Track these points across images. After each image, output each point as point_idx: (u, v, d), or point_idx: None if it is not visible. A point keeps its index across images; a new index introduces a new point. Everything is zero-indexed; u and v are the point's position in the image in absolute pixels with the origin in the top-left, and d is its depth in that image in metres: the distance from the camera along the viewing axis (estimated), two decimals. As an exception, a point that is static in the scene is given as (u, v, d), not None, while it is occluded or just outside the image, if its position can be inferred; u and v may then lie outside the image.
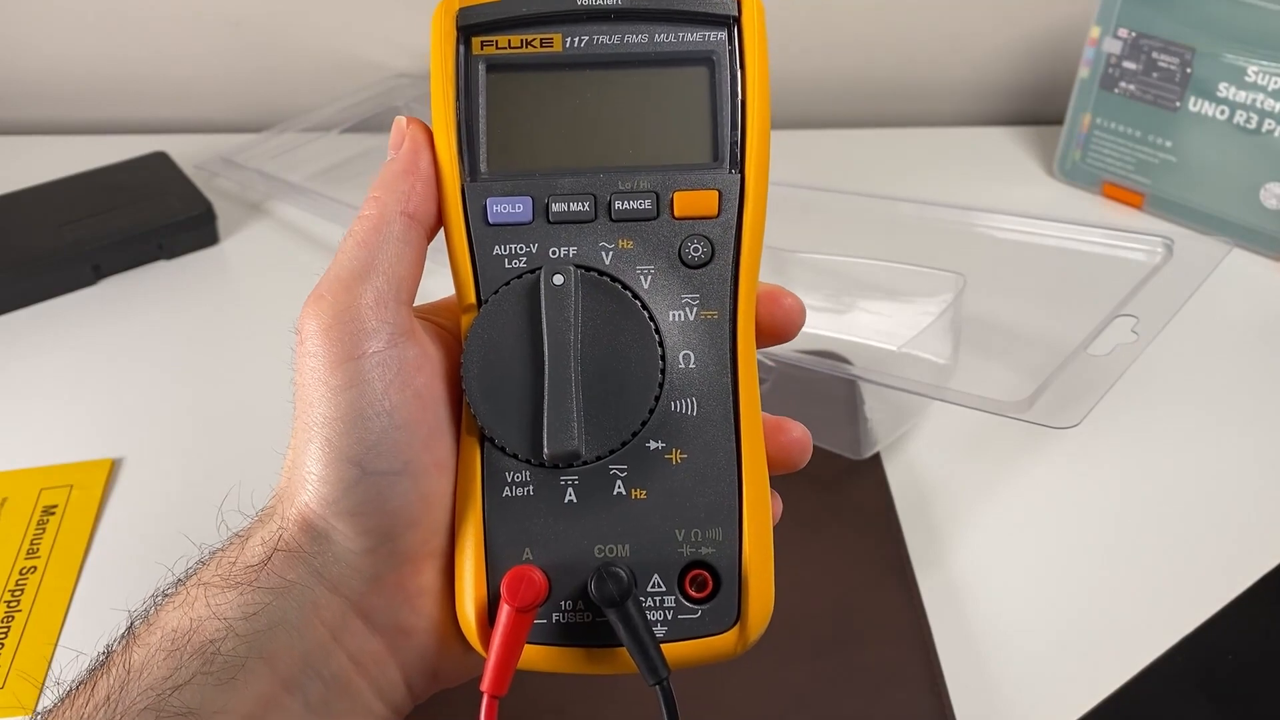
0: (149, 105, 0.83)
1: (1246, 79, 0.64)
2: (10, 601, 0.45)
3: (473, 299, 0.30)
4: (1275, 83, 0.63)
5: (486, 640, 0.28)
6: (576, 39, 0.30)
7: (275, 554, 0.28)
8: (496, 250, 0.29)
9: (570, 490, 0.29)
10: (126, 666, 0.27)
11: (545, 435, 0.28)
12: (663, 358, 0.29)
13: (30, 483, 0.51)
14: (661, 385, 0.29)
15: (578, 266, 0.29)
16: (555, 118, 0.30)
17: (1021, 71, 0.83)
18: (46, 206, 0.67)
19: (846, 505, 0.49)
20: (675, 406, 0.29)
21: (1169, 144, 0.69)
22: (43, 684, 0.42)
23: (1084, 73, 0.71)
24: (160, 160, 0.72)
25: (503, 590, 0.27)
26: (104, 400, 0.56)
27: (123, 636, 0.28)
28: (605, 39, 0.30)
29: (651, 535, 0.29)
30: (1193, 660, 0.41)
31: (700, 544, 0.29)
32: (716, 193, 0.30)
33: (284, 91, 0.83)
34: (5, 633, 0.44)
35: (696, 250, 0.30)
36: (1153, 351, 0.45)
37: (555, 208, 0.29)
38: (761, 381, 0.49)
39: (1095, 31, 0.69)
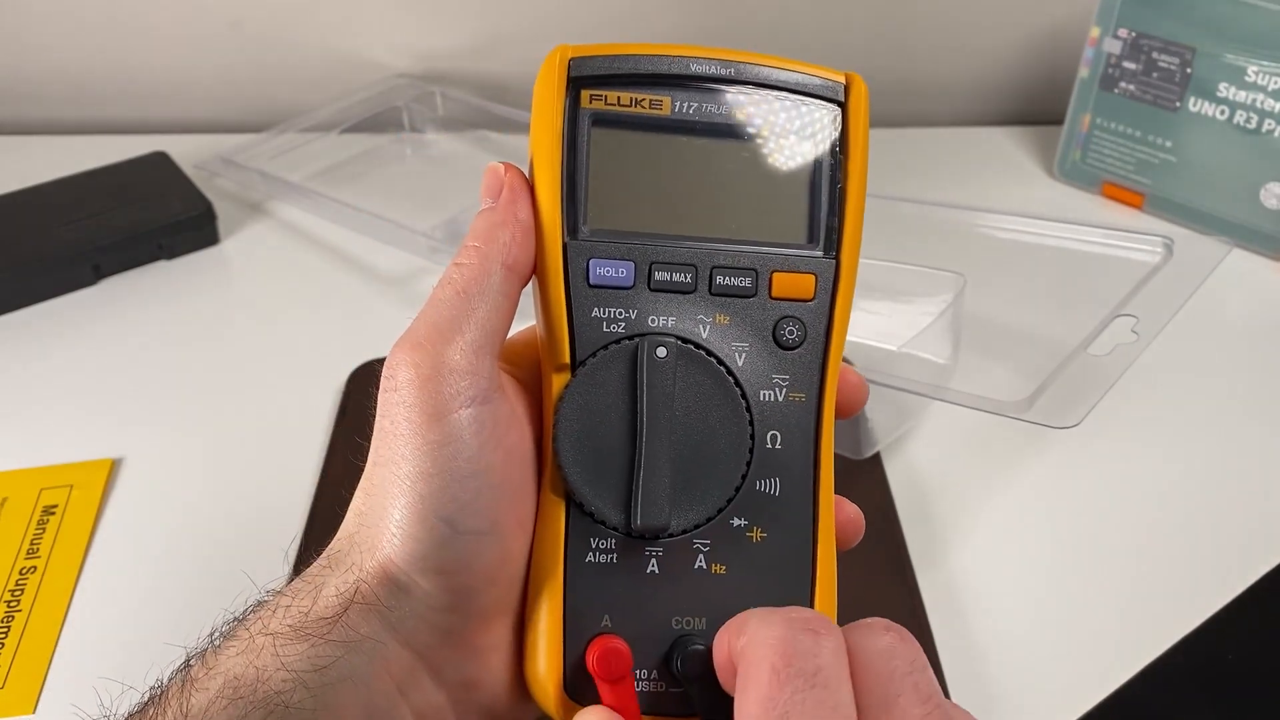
0: (149, 105, 0.83)
1: (1246, 79, 0.64)
2: (10, 601, 0.45)
3: (566, 359, 0.29)
4: (1275, 83, 0.63)
5: (558, 700, 0.28)
6: (686, 105, 0.30)
7: (352, 606, 0.27)
8: (595, 312, 0.29)
9: (654, 561, 0.29)
10: (184, 710, 0.26)
11: (638, 507, 0.28)
12: (752, 436, 0.29)
13: (30, 483, 0.51)
14: (749, 464, 0.29)
15: (679, 339, 0.29)
16: (660, 181, 0.30)
17: (1021, 71, 0.83)
18: (46, 206, 0.67)
19: (846, 505, 0.49)
20: (760, 485, 0.29)
21: (1169, 144, 0.69)
22: (42, 684, 0.42)
23: (1084, 73, 0.71)
24: (160, 160, 0.72)
25: (593, 660, 0.27)
26: (104, 400, 0.56)
27: (179, 673, 0.27)
28: (714, 108, 0.30)
29: (729, 611, 0.28)
30: (1193, 660, 0.41)
31: None
32: (813, 276, 0.30)
33: (284, 91, 0.83)
34: (5, 633, 0.44)
35: (791, 332, 0.30)
36: (1153, 351, 0.45)
37: (658, 275, 0.29)
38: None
39: (1095, 31, 0.69)
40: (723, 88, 0.30)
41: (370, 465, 0.28)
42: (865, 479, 0.50)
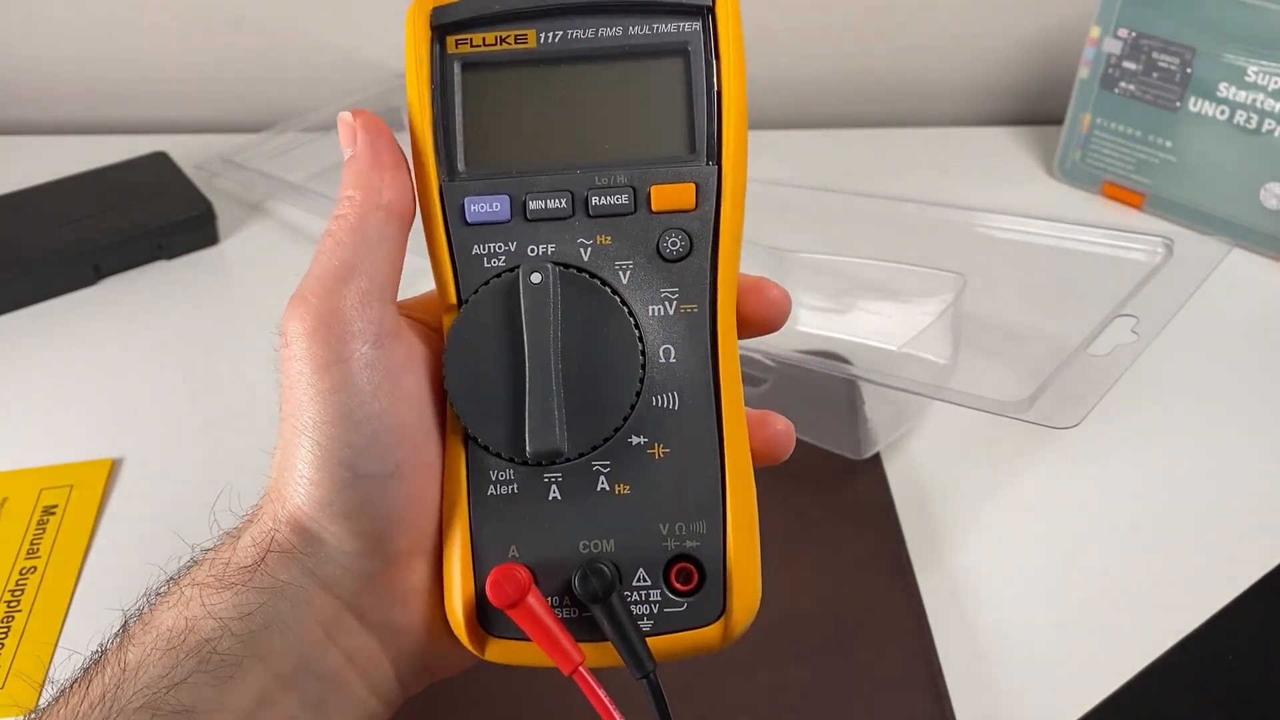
0: (149, 105, 0.83)
1: (1246, 79, 0.64)
2: (10, 601, 0.45)
3: (453, 299, 0.30)
4: (1275, 83, 0.63)
5: (475, 637, 0.29)
6: (551, 34, 0.30)
7: (269, 555, 0.28)
8: (475, 249, 0.29)
9: (554, 487, 0.29)
10: (122, 665, 0.27)
11: (527, 433, 0.28)
12: (643, 353, 0.29)
13: (30, 483, 0.51)
14: (642, 380, 0.29)
15: (556, 264, 0.29)
16: (531, 115, 0.30)
17: (1021, 71, 0.83)
18: (46, 206, 0.67)
19: (846, 505, 0.49)
20: (656, 401, 0.29)
21: (1169, 144, 0.69)
22: (42, 684, 0.42)
23: (1084, 73, 0.71)
24: (160, 160, 0.72)
25: (487, 589, 0.28)
26: (104, 400, 0.56)
27: (117, 635, 0.28)
28: (580, 33, 0.30)
29: (635, 530, 0.29)
30: (1193, 660, 0.41)
31: (685, 537, 0.29)
32: (694, 185, 0.29)
33: (284, 91, 0.83)
34: (5, 633, 0.44)
35: (674, 244, 0.29)
36: (1153, 351, 0.45)
37: (533, 205, 0.29)
38: (761, 382, 0.50)
39: (1095, 31, 0.69)
40: (588, 12, 0.30)
41: (280, 421, 0.29)
42: (865, 479, 0.50)
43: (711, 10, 0.30)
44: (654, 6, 0.30)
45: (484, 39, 0.30)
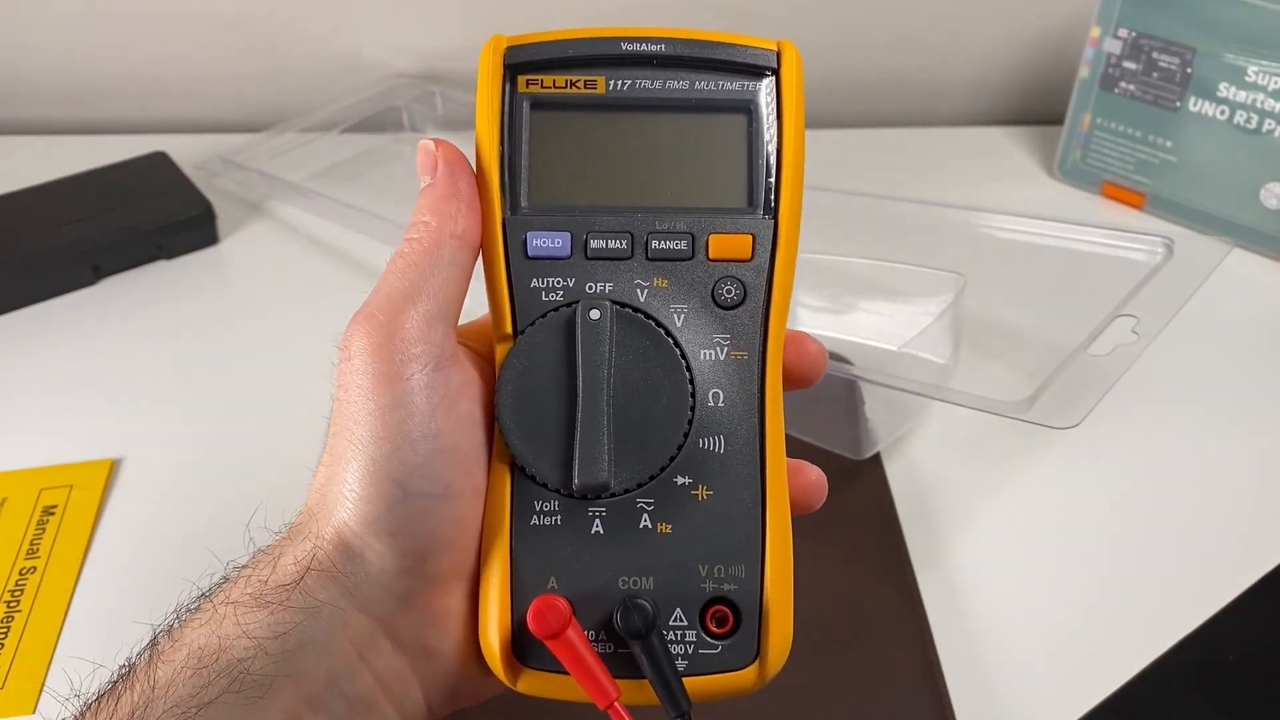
0: (149, 105, 0.83)
1: (1246, 79, 0.64)
2: (10, 601, 0.45)
3: (509, 329, 0.30)
4: (1275, 83, 0.63)
5: (509, 666, 0.29)
6: (620, 82, 0.31)
7: (308, 574, 0.28)
8: (534, 283, 0.30)
9: (598, 522, 0.29)
10: (151, 682, 0.26)
11: (576, 466, 0.28)
12: (693, 395, 0.29)
13: (30, 483, 0.51)
14: (690, 422, 0.29)
15: (613, 303, 0.29)
16: (596, 156, 0.31)
17: (1021, 71, 0.83)
18: (46, 206, 0.67)
19: (846, 505, 0.49)
20: (703, 443, 0.30)
21: (1169, 144, 0.69)
22: (42, 684, 0.42)
23: (1084, 73, 0.71)
24: (160, 160, 0.72)
25: (529, 618, 0.27)
26: (104, 400, 0.56)
27: (146, 650, 0.28)
28: (648, 84, 0.31)
29: (675, 569, 0.29)
30: (1193, 660, 0.41)
31: (723, 580, 0.29)
32: (750, 237, 0.30)
33: (284, 91, 0.83)
34: (5, 633, 0.44)
35: (729, 292, 0.30)
36: (1153, 351, 0.45)
37: (593, 244, 0.30)
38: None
39: (1095, 31, 0.69)
40: (656, 65, 0.31)
41: (329, 437, 0.29)
42: (865, 479, 0.50)
43: (776, 71, 0.31)
44: (722, 64, 0.31)
45: (554, 81, 0.31)
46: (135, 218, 0.66)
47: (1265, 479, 0.50)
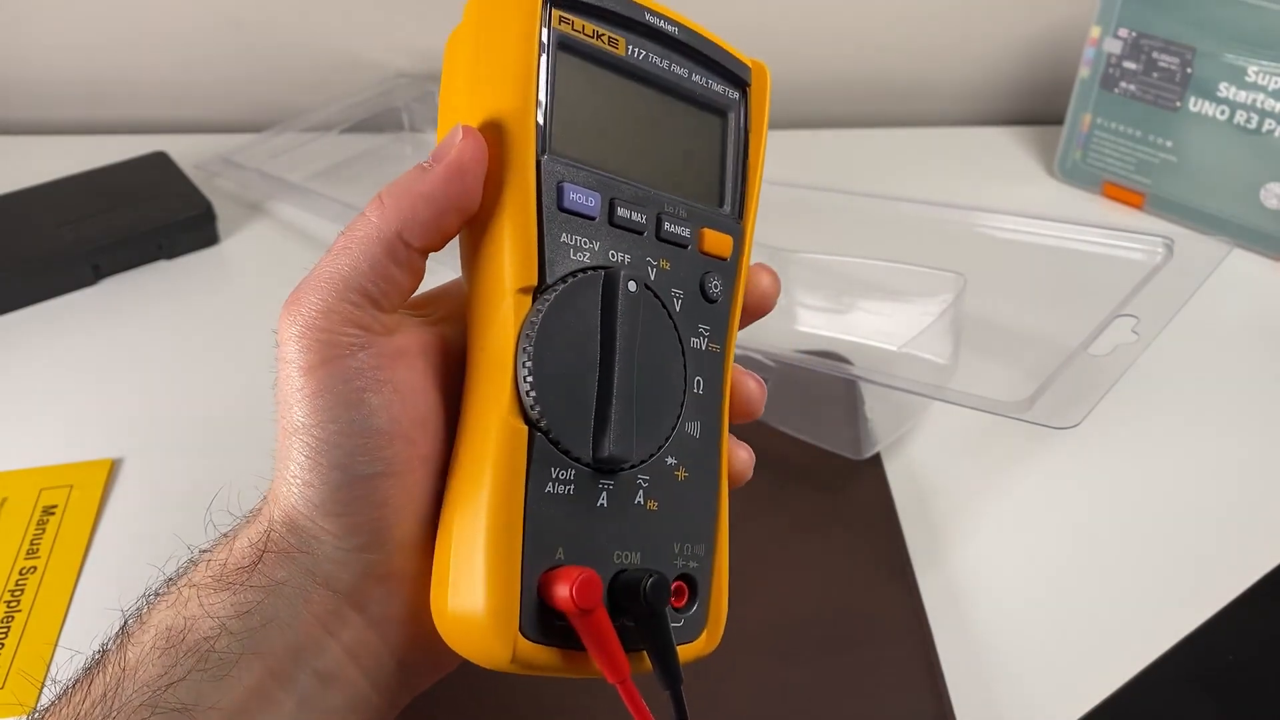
0: (149, 105, 0.83)
1: (1247, 79, 0.64)
2: (10, 601, 0.45)
3: (534, 281, 0.28)
4: (1275, 83, 0.63)
5: (512, 640, 0.27)
6: (637, 50, 0.31)
7: (265, 555, 0.28)
8: (564, 238, 0.28)
9: (604, 495, 0.29)
10: (122, 665, 0.27)
11: (610, 437, 0.28)
12: (685, 379, 0.30)
13: (30, 483, 0.51)
14: (682, 405, 0.30)
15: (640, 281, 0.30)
16: (617, 123, 0.31)
17: (1021, 71, 0.83)
18: (46, 206, 0.67)
19: (846, 505, 0.49)
20: (687, 427, 0.31)
21: (1169, 144, 0.69)
22: (42, 684, 0.42)
23: (1084, 73, 0.71)
24: (160, 160, 0.72)
25: (574, 591, 0.26)
26: (104, 400, 0.56)
27: (117, 635, 0.28)
28: (658, 60, 0.31)
29: (657, 545, 0.29)
30: (1193, 660, 0.41)
31: (689, 558, 0.30)
32: (731, 238, 0.32)
33: (284, 91, 0.83)
34: (5, 633, 0.44)
35: (714, 286, 0.31)
36: (1153, 351, 0.45)
37: (620, 212, 0.30)
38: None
39: (1095, 31, 0.69)
40: (666, 45, 0.31)
41: (277, 423, 0.29)
42: (865, 479, 0.50)
43: (748, 85, 0.33)
44: (713, 65, 0.32)
45: (584, 26, 0.30)
46: (135, 218, 0.66)
47: (1265, 479, 0.50)
